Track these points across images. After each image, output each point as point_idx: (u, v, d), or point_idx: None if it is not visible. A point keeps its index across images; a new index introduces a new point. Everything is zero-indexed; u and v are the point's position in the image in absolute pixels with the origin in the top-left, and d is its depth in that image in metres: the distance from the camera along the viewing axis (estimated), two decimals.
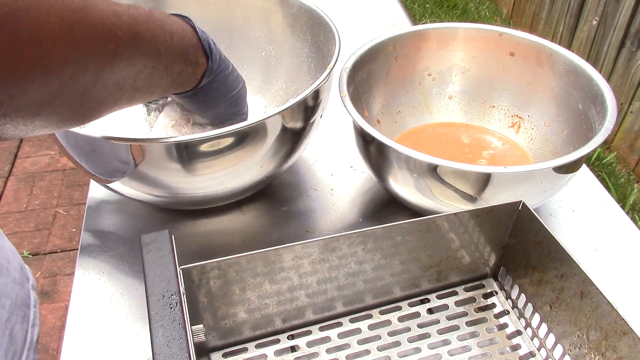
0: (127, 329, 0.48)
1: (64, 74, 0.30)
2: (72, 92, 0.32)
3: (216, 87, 0.47)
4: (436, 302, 0.49)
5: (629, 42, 1.67)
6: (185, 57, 0.42)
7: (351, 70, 0.56)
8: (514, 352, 0.45)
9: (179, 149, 0.46)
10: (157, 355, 0.31)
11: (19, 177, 1.82)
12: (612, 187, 1.69)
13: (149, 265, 0.36)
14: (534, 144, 0.63)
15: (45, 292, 1.46)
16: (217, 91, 0.47)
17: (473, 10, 2.58)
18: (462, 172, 0.47)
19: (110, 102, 0.37)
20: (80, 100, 0.33)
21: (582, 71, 0.56)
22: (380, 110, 0.64)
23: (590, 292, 0.39)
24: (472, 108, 0.67)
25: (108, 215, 0.59)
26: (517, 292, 0.48)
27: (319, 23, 0.60)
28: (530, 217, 0.44)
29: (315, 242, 0.42)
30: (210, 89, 0.47)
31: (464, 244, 0.47)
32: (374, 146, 0.51)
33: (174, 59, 0.40)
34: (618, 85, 1.72)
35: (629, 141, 1.76)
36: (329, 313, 0.47)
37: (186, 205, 0.57)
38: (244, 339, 0.45)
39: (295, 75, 0.66)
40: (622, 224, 0.58)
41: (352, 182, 0.63)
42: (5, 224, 1.65)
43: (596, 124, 0.52)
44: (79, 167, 0.51)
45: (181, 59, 0.41)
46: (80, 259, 0.54)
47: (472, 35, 0.63)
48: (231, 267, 0.40)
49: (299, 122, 0.52)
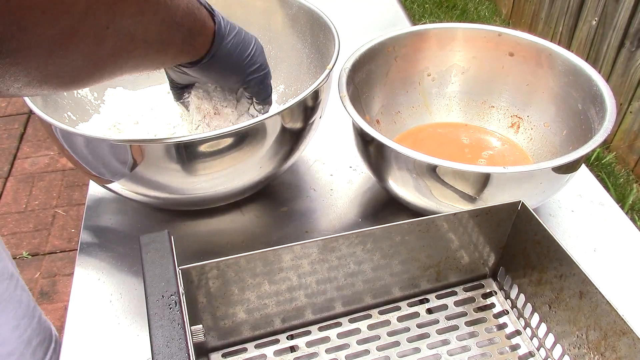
0: (127, 329, 0.48)
1: (75, 9, 0.30)
2: (84, 33, 0.31)
3: (232, 48, 0.47)
4: (435, 302, 0.49)
5: (628, 42, 1.67)
6: (191, 12, 0.41)
7: (351, 70, 0.56)
8: (513, 352, 0.45)
9: (179, 150, 0.46)
10: (157, 355, 0.31)
11: (18, 178, 1.82)
12: (611, 187, 1.69)
13: (148, 266, 0.36)
14: (533, 144, 0.63)
15: (44, 292, 1.46)
16: (233, 52, 0.47)
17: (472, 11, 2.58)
18: (461, 173, 0.47)
19: (123, 55, 0.36)
20: (94, 45, 0.32)
21: (582, 71, 0.56)
22: (380, 111, 0.64)
23: (589, 292, 0.39)
24: (472, 108, 0.67)
25: (107, 215, 0.59)
26: (517, 292, 0.48)
27: (319, 23, 0.60)
28: (530, 217, 0.44)
29: (315, 243, 0.42)
30: (226, 51, 0.46)
31: (463, 244, 0.47)
32: (373, 146, 0.51)
33: (181, 11, 0.40)
34: (617, 85, 1.72)
35: (628, 141, 1.76)
36: (328, 313, 0.47)
37: (186, 206, 0.57)
38: (243, 339, 0.45)
39: (294, 76, 0.66)
40: (622, 224, 0.58)
41: (351, 182, 0.63)
42: (4, 224, 1.65)
43: (595, 124, 0.52)
44: (78, 168, 0.51)
45: (188, 12, 0.41)
46: (79, 259, 0.54)
47: (471, 35, 0.63)
48: (230, 268, 0.40)
49: (298, 123, 0.52)
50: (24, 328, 0.60)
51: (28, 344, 0.60)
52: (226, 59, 0.47)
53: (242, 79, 0.50)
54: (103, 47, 0.33)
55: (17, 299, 0.59)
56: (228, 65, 0.48)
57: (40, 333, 0.63)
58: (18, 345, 0.59)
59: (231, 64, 0.48)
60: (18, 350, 0.59)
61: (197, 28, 0.42)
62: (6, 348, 0.58)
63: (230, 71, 0.49)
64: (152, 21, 0.37)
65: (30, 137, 1.99)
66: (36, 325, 0.62)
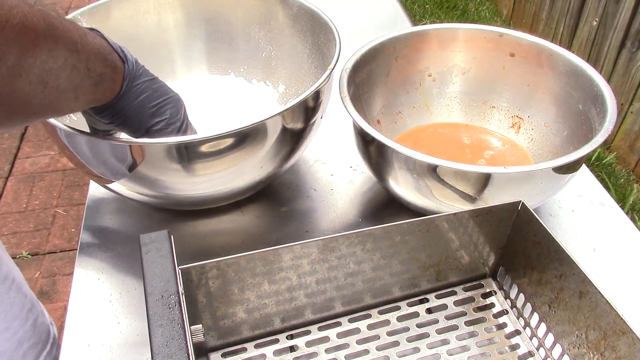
0: (126, 329, 0.48)
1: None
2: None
3: (136, 93, 0.46)
4: (435, 302, 0.49)
5: (629, 42, 1.67)
6: (103, 57, 0.42)
7: (351, 70, 0.56)
8: (513, 352, 0.45)
9: (179, 150, 0.46)
10: (156, 355, 0.31)
11: (19, 178, 1.82)
12: (611, 187, 1.69)
13: (148, 265, 0.36)
14: (534, 145, 0.63)
15: (44, 292, 1.46)
16: (140, 95, 0.46)
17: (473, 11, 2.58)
18: (462, 173, 0.47)
19: (36, 103, 0.37)
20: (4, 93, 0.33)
21: (582, 72, 0.56)
22: (381, 111, 0.64)
23: (589, 291, 0.39)
24: (472, 108, 0.67)
25: (107, 215, 0.59)
26: (516, 292, 0.48)
27: (319, 24, 0.60)
28: (530, 217, 0.44)
29: (315, 242, 0.42)
30: (130, 96, 0.46)
31: (463, 244, 0.47)
32: (374, 146, 0.51)
33: (93, 57, 0.40)
34: (618, 85, 1.72)
35: (629, 141, 1.76)
36: (328, 313, 0.47)
37: (186, 206, 0.57)
38: (243, 339, 0.45)
39: (295, 76, 0.66)
40: (622, 224, 0.58)
41: (351, 182, 0.63)
42: (4, 224, 1.65)
43: (596, 125, 0.52)
44: (79, 168, 0.51)
45: (99, 58, 0.41)
46: (79, 259, 0.54)
47: (472, 35, 0.63)
48: (230, 267, 0.40)
49: (299, 123, 0.52)
50: (14, 330, 0.60)
51: (19, 345, 0.60)
52: (132, 101, 0.46)
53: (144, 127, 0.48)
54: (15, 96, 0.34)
55: (10, 302, 0.59)
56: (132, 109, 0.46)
57: (33, 336, 0.62)
58: (7, 347, 0.59)
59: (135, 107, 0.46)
60: (7, 353, 0.59)
61: (107, 74, 0.42)
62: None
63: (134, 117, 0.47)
64: (63, 67, 0.37)
65: (30, 137, 1.99)
66: (30, 327, 0.62)
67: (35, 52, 0.34)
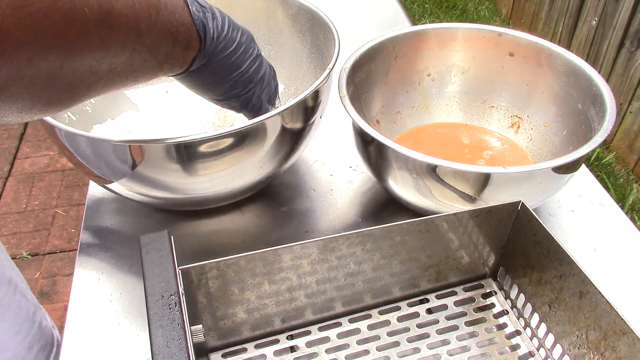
0: (127, 329, 0.48)
1: (19, 57, 0.26)
2: (32, 77, 0.28)
3: (212, 71, 0.42)
4: (435, 302, 0.49)
5: (628, 42, 1.67)
6: (174, 38, 0.36)
7: (351, 70, 0.56)
8: (513, 352, 0.45)
9: (179, 150, 0.46)
10: (156, 355, 0.31)
11: (18, 178, 1.82)
12: (611, 187, 1.69)
13: (148, 266, 0.36)
14: (533, 144, 0.63)
15: (44, 292, 1.46)
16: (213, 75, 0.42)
17: (472, 11, 2.58)
18: (461, 173, 0.47)
19: (83, 87, 0.33)
20: (45, 85, 0.29)
21: (582, 71, 0.56)
22: (380, 111, 0.64)
23: (589, 292, 0.39)
24: (472, 108, 0.67)
25: (107, 215, 0.59)
26: (516, 292, 0.48)
27: (319, 23, 0.60)
28: (530, 217, 0.44)
29: (315, 243, 0.42)
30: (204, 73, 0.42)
31: (463, 244, 0.47)
32: (373, 146, 0.51)
33: (159, 38, 0.35)
34: (617, 85, 1.72)
35: (628, 141, 1.76)
36: (328, 313, 0.47)
37: (186, 206, 0.57)
38: (243, 339, 0.45)
39: (294, 76, 0.66)
40: (621, 224, 0.58)
41: (351, 182, 0.63)
42: (4, 224, 1.65)
43: (595, 124, 0.52)
44: (78, 168, 0.51)
45: (169, 39, 0.36)
46: (79, 259, 0.54)
47: (471, 35, 0.63)
48: (230, 268, 0.40)
49: (298, 123, 0.52)
50: (24, 334, 0.59)
51: (29, 350, 0.60)
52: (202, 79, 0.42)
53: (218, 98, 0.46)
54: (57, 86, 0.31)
55: (17, 305, 0.59)
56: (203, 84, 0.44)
57: (41, 338, 0.62)
58: (19, 351, 0.59)
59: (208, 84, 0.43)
60: (19, 357, 0.59)
61: (175, 53, 0.38)
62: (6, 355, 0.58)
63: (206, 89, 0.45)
64: (118, 54, 0.33)
65: (30, 137, 1.99)
66: (37, 330, 0.62)
67: (83, 46, 0.30)
